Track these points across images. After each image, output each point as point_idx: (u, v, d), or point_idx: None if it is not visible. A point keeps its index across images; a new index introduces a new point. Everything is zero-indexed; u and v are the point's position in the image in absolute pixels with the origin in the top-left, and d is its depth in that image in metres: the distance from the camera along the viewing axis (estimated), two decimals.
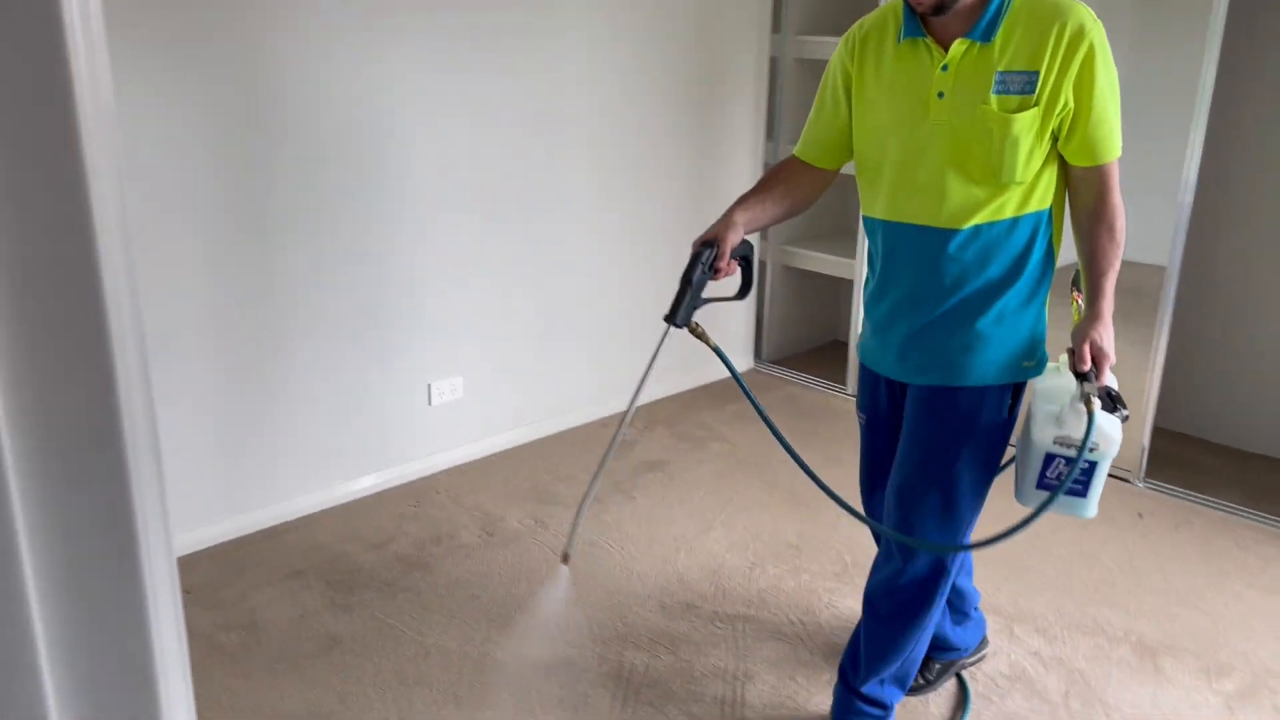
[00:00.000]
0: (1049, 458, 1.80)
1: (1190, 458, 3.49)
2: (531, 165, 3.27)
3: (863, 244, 3.91)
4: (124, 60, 2.38)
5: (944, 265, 1.82)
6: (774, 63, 4.02)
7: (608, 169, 3.50)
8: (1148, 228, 3.18)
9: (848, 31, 1.97)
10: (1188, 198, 3.06)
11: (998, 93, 1.71)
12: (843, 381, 4.08)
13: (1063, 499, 1.79)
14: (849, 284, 4.06)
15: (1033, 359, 1.88)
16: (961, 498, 1.94)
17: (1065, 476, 1.77)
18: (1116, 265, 1.79)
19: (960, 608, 2.29)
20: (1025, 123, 1.71)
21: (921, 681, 2.27)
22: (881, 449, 2.13)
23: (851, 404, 3.94)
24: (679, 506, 3.09)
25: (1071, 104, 1.71)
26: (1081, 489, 1.80)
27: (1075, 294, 1.90)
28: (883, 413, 2.08)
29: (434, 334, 3.17)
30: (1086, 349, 1.75)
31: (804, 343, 4.56)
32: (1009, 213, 1.78)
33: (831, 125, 1.97)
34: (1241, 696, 2.25)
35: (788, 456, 2.91)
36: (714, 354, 2.01)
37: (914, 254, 1.85)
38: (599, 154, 3.46)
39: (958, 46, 1.72)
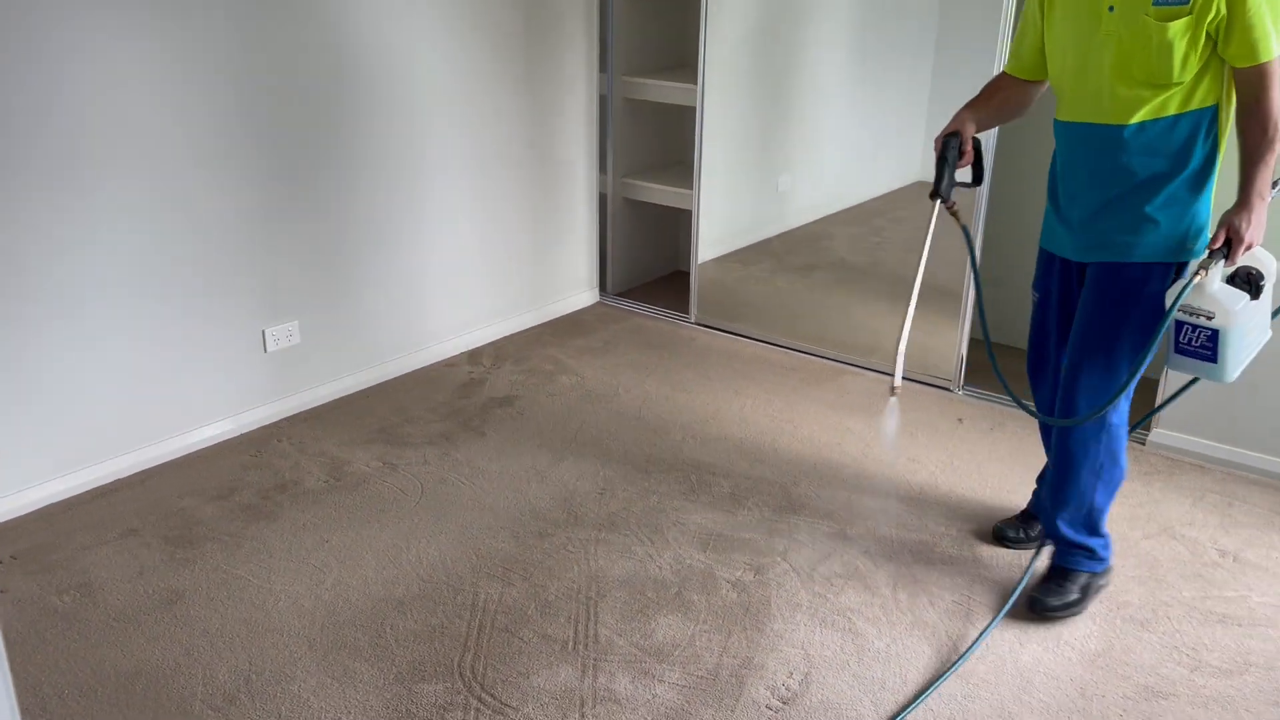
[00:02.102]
0: (1178, 324, 2.04)
1: (1003, 365, 3.74)
2: (366, 98, 3.18)
3: (699, 175, 3.99)
4: None
5: (1114, 157, 2.09)
6: (603, 101, 4.04)
7: (445, 100, 3.43)
8: None
9: None
10: None
11: (1157, 4, 1.96)
12: (686, 310, 4.17)
13: (1198, 364, 2.05)
14: (688, 214, 4.13)
15: (1195, 242, 2.10)
16: (1121, 360, 2.18)
17: (1176, 338, 2.05)
18: (1269, 160, 1.98)
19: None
20: (1178, 29, 1.94)
21: (1020, 536, 2.59)
22: (1048, 330, 2.38)
23: (696, 331, 4.04)
24: (529, 440, 3.12)
25: (1223, 11, 1.92)
26: (1209, 354, 2.03)
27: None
28: (1055, 293, 2.33)
29: (264, 278, 3.07)
30: (1223, 231, 1.99)
31: (648, 273, 4.63)
32: (1171, 110, 2.02)
33: (1031, 42, 2.25)
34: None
35: (634, 385, 2.98)
36: (942, 236, 2.37)
37: (1089, 149, 2.13)
38: (438, 89, 3.38)
39: None
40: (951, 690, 2.09)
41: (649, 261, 4.63)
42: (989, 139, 3.26)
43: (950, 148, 2.25)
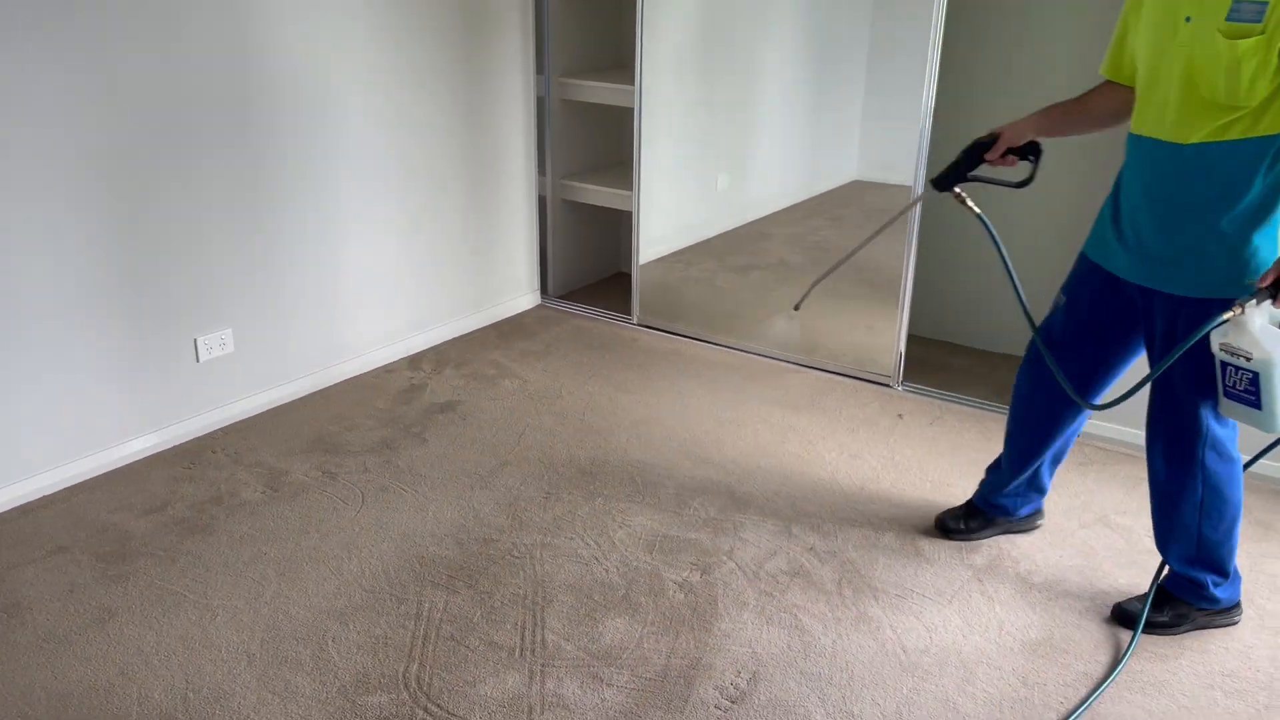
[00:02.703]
0: (1222, 365, 1.97)
1: (942, 360, 3.81)
2: (298, 100, 3.12)
3: (639, 176, 3.99)
4: None
5: (1172, 178, 1.99)
6: (540, 102, 4.01)
7: (378, 103, 3.38)
8: (898, 151, 3.42)
9: None
10: (927, 122, 3.29)
11: (1231, 19, 1.84)
12: (628, 311, 4.16)
13: (1240, 408, 1.98)
14: (629, 216, 4.13)
15: (1250, 278, 1.96)
16: (1186, 404, 2.12)
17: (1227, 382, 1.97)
18: None
19: (1036, 484, 2.59)
20: (1249, 49, 1.82)
21: (961, 527, 2.62)
22: (1058, 336, 2.32)
23: (639, 332, 4.04)
24: (472, 445, 3.09)
25: None
26: (1254, 399, 1.94)
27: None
28: (1085, 304, 2.26)
29: (196, 285, 2.99)
30: (1275, 270, 1.87)
31: (589, 275, 4.62)
32: (1234, 134, 1.90)
33: (1125, 44, 2.13)
34: (988, 569, 2.52)
35: (577, 388, 2.96)
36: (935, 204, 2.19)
37: (1149, 166, 2.03)
38: (370, 91, 3.33)
39: None
40: (897, 682, 2.11)
41: (590, 263, 4.61)
42: (911, 140, 3.30)
43: (974, 147, 2.28)
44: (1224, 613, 2.31)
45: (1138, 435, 3.07)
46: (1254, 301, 1.89)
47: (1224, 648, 2.24)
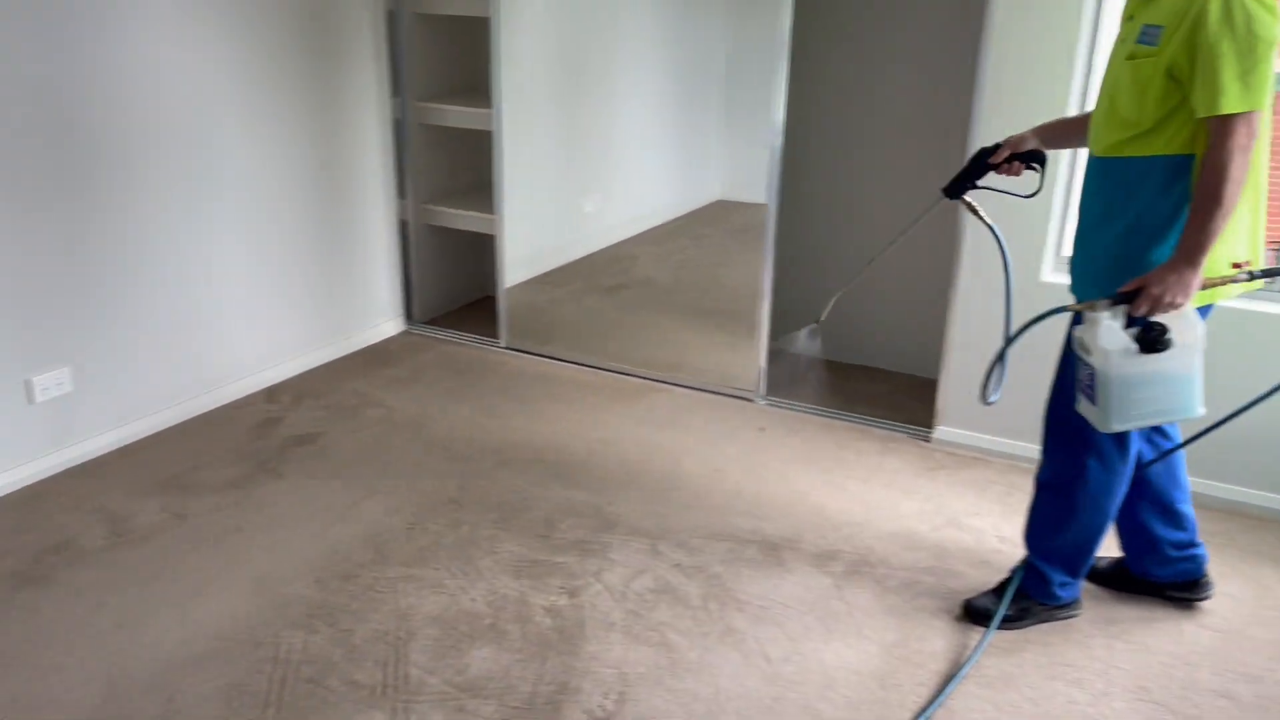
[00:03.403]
0: (1076, 360, 2.06)
1: (802, 374, 3.91)
2: (140, 124, 2.99)
3: (500, 200, 3.97)
4: None
5: (1091, 190, 2.11)
6: (391, 17, 3.94)
7: (225, 127, 3.27)
8: (757, 171, 3.51)
9: None
10: (778, 141, 3.39)
11: (1138, 42, 1.95)
12: (496, 335, 4.13)
13: (1085, 402, 2.06)
14: (494, 239, 4.10)
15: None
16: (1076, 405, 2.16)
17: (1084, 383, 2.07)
18: (1205, 221, 1.87)
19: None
20: (1144, 70, 1.93)
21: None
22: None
23: (506, 355, 4.01)
24: (333, 478, 3.01)
25: (1181, 59, 1.86)
26: (1091, 394, 2.03)
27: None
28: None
29: (28, 321, 2.83)
30: (1137, 281, 1.94)
31: (455, 299, 4.57)
32: (1136, 152, 1.99)
33: None
34: (847, 575, 2.59)
35: (443, 414, 2.87)
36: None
37: (1086, 179, 2.15)
38: (217, 115, 3.22)
39: (1133, 1, 2.02)
40: (761, 693, 2.15)
41: (456, 287, 4.57)
42: (754, 161, 3.40)
43: (980, 154, 2.35)
44: (1065, 607, 2.42)
45: (986, 440, 3.22)
46: (1107, 301, 1.98)
47: (1064, 639, 2.36)
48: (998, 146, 2.34)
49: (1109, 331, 1.97)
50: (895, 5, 3.60)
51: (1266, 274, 2.04)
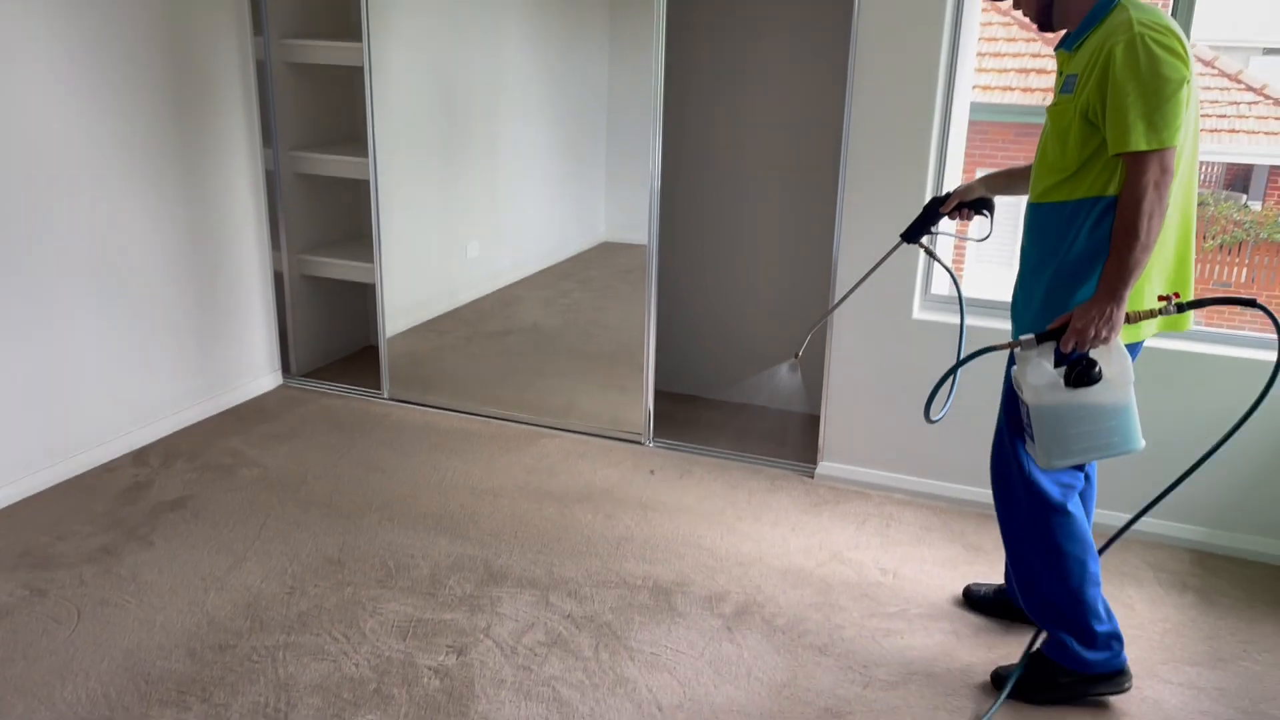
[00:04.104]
0: (1017, 398, 2.12)
1: (690, 414, 3.95)
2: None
3: (379, 248, 3.92)
4: None
5: (1031, 235, 2.18)
6: (261, 66, 3.86)
7: (86, 175, 3.14)
8: (640, 213, 3.55)
9: None
10: (656, 184, 3.44)
11: (1061, 92, 2.07)
12: (379, 387, 4.05)
13: (1027, 439, 2.11)
14: (373, 288, 4.03)
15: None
16: (1007, 443, 2.26)
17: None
18: (1124, 257, 1.93)
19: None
20: (1064, 115, 2.04)
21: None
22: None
23: (390, 407, 3.94)
24: (205, 544, 2.88)
25: (1094, 102, 1.96)
26: (1030, 429, 2.08)
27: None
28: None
29: None
30: (1063, 317, 2.01)
31: (336, 351, 4.47)
32: (1061, 196, 2.07)
33: None
34: (737, 616, 2.61)
35: (324, 471, 2.76)
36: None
37: (1024, 225, 2.21)
38: (77, 164, 3.09)
39: (1060, 55, 2.14)
40: None
41: (336, 338, 4.47)
42: (639, 202, 3.45)
43: (931, 203, 2.48)
44: (1105, 679, 2.26)
45: (865, 473, 3.30)
46: (1032, 338, 2.03)
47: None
48: (948, 196, 2.47)
49: (1037, 368, 2.03)
50: (765, 54, 3.71)
51: (1193, 305, 2.06)
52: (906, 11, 2.91)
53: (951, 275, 2.64)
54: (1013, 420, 2.24)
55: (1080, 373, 1.98)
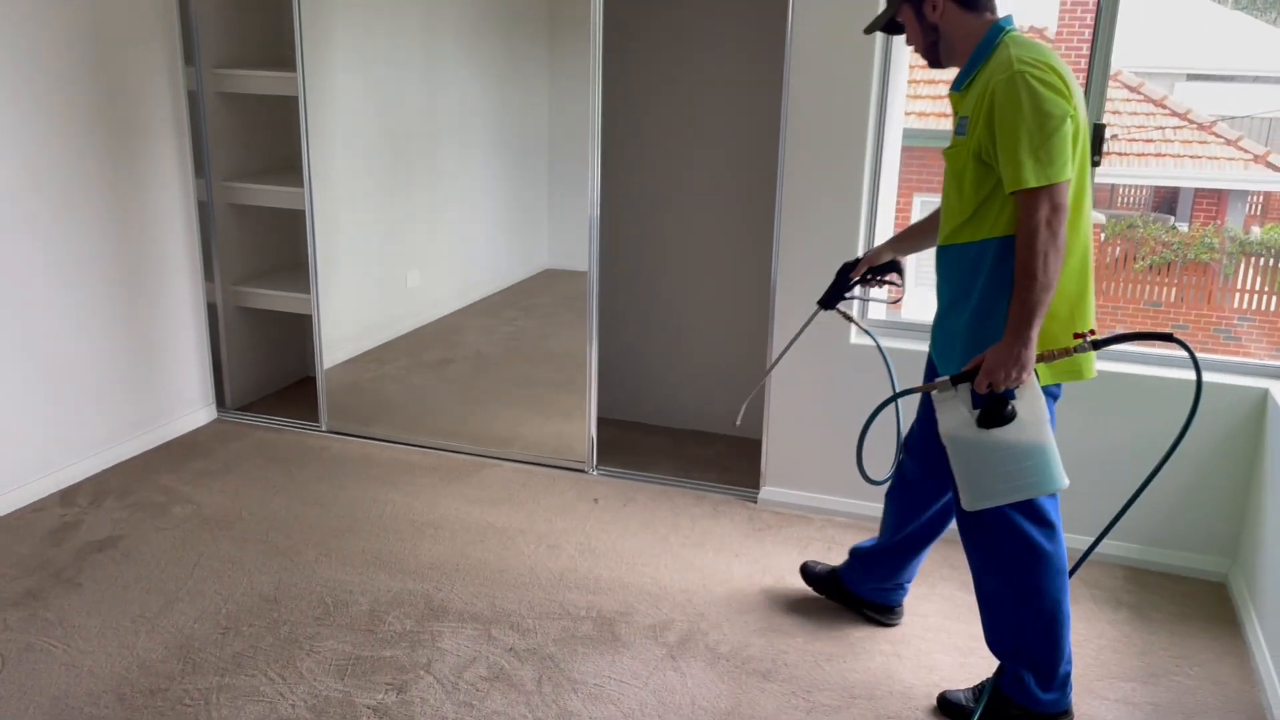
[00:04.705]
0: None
1: (633, 441, 3.95)
2: None
3: (315, 278, 3.87)
4: None
5: (942, 278, 2.20)
6: (193, 96, 3.81)
7: (12, 222, 3.06)
8: (581, 240, 3.55)
9: None
10: (596, 211, 3.45)
11: (955, 134, 2.08)
12: (316, 419, 3.99)
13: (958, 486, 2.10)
14: (309, 319, 3.98)
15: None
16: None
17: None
18: (1025, 296, 1.92)
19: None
20: (959, 157, 2.06)
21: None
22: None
23: (329, 440, 3.88)
24: (136, 585, 2.80)
25: (985, 143, 1.98)
26: (952, 472, 2.09)
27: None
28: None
29: None
30: (975, 360, 2.02)
31: (272, 383, 4.39)
32: (964, 238, 2.10)
33: None
34: (681, 644, 2.60)
35: (259, 507, 2.66)
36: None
37: (936, 269, 2.22)
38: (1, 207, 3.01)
39: (953, 96, 2.14)
40: None
41: (272, 370, 4.39)
42: (581, 229, 3.45)
43: (842, 269, 2.52)
44: (1051, 719, 2.23)
45: (806, 497, 3.32)
46: (948, 380, 2.04)
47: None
48: (858, 261, 2.51)
49: (954, 410, 2.03)
50: (703, 79, 3.75)
51: (1109, 341, 2.05)
52: (838, 42, 2.96)
53: (872, 337, 2.68)
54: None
55: (992, 413, 1.98)
